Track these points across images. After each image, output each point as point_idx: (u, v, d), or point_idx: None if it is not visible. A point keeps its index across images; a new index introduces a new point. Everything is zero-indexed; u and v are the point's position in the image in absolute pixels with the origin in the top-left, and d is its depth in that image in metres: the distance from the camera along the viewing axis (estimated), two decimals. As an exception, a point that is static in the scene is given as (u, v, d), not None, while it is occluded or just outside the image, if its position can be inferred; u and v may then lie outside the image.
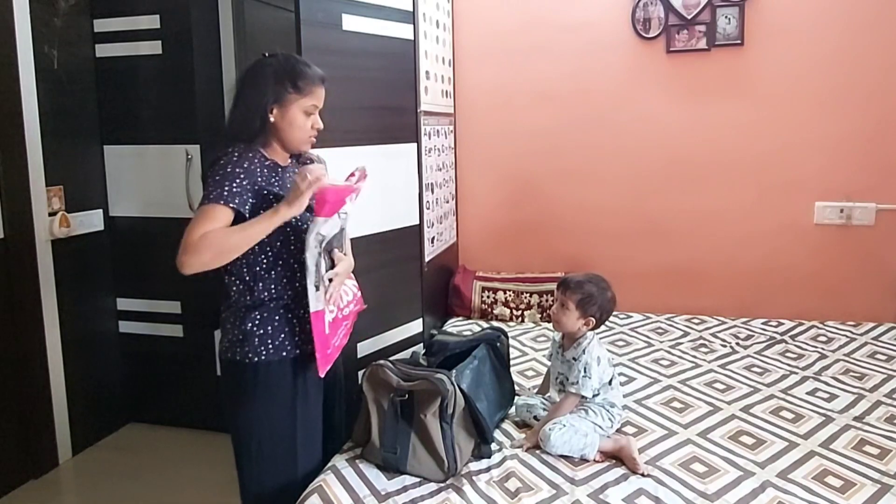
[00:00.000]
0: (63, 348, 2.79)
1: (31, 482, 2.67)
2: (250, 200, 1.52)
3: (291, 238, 1.62)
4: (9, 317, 2.59)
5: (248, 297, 1.60)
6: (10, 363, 2.59)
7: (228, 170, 1.50)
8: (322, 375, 1.63)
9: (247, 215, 1.51)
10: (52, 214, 2.72)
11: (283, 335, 1.62)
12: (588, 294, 1.88)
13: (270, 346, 1.61)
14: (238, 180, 1.50)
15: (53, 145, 2.72)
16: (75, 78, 2.84)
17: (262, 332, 1.60)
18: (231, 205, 1.47)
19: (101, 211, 2.99)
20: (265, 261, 1.60)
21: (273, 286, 1.61)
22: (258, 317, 1.60)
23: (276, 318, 1.62)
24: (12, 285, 2.59)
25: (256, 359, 1.60)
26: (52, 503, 2.58)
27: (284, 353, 1.62)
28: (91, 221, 2.94)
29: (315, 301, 1.57)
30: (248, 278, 1.60)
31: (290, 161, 1.70)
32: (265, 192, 1.56)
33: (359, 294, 1.82)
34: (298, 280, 1.62)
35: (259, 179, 1.55)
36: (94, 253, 2.96)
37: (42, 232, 2.67)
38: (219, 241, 1.44)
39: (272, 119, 1.59)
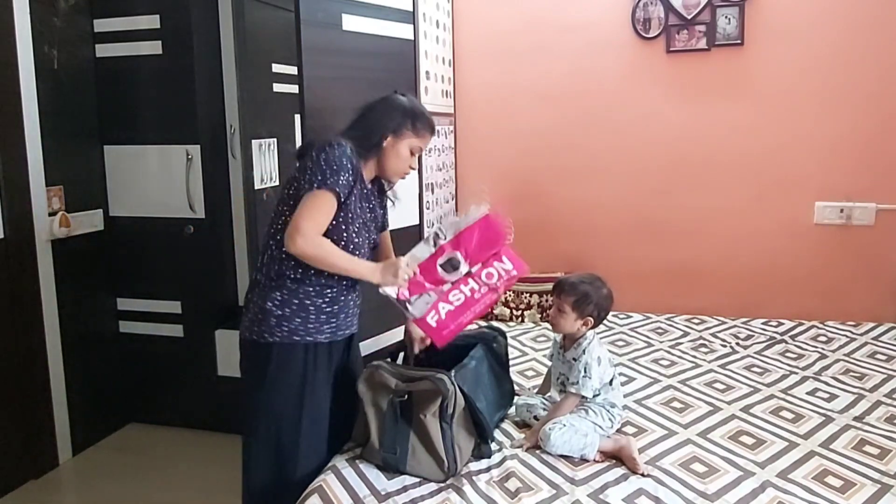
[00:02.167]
0: (63, 348, 2.79)
1: (31, 482, 2.67)
2: (347, 197, 1.68)
3: (341, 244, 1.70)
4: (9, 317, 2.59)
5: (273, 271, 1.70)
6: (10, 363, 2.59)
7: (344, 161, 1.66)
8: (440, 347, 1.81)
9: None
10: (52, 214, 2.72)
11: (298, 320, 1.70)
12: (583, 294, 1.87)
13: (286, 328, 1.69)
14: (347, 175, 1.67)
15: (53, 145, 2.72)
16: (75, 78, 2.84)
17: (280, 313, 1.68)
18: (342, 195, 1.65)
19: (101, 211, 3.00)
20: None
21: (300, 268, 1.69)
22: (279, 297, 1.69)
23: (296, 301, 1.70)
24: (12, 285, 2.60)
25: (271, 339, 1.68)
26: (51, 503, 2.58)
27: (297, 339, 1.70)
28: (91, 221, 2.94)
29: (416, 310, 1.80)
30: (275, 251, 1.70)
31: (373, 184, 1.85)
32: (354, 191, 1.70)
33: (509, 268, 1.93)
34: (335, 279, 1.73)
35: (354, 181, 1.70)
36: (94, 253, 2.96)
37: (42, 232, 2.67)
38: (329, 253, 1.64)
39: (384, 144, 1.77)
